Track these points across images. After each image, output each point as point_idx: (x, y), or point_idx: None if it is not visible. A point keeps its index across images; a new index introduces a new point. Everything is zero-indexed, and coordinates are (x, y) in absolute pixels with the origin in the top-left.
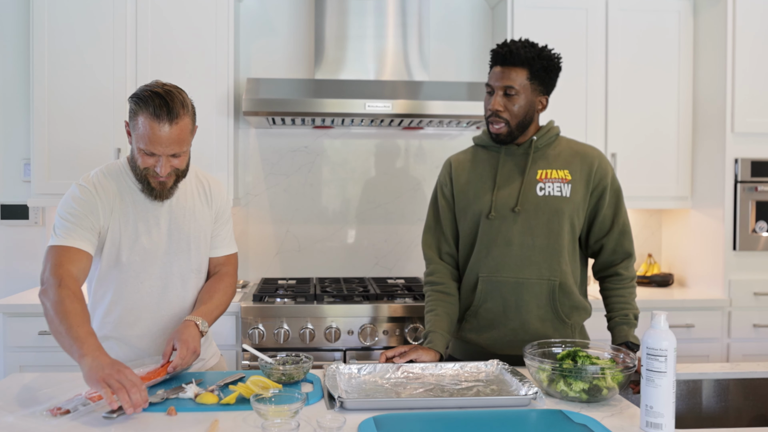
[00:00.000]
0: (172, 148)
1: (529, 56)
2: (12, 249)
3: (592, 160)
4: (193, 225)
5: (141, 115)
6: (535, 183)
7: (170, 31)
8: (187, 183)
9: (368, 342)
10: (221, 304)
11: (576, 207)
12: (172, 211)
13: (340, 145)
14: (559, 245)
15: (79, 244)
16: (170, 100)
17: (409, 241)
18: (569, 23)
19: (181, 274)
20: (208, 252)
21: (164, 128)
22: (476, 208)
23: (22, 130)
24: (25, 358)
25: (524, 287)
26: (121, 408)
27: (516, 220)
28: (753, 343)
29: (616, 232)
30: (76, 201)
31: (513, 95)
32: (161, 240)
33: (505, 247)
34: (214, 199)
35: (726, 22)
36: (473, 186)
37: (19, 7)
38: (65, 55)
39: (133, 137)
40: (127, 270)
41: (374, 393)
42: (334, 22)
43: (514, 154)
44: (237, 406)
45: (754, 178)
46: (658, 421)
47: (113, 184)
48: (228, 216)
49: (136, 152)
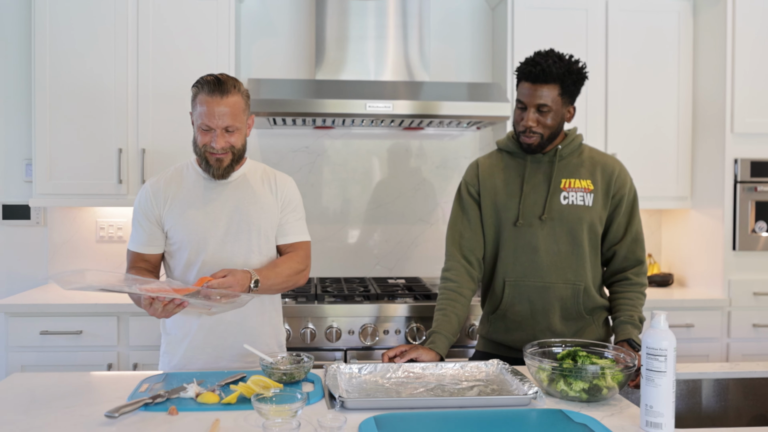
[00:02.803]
0: (224, 120)
1: (561, 72)
2: (14, 249)
3: (613, 170)
4: (256, 209)
5: (199, 95)
6: (559, 192)
7: (171, 31)
8: (254, 173)
9: (369, 342)
10: (281, 274)
11: (597, 215)
12: (236, 196)
13: (341, 146)
14: (582, 251)
15: (139, 247)
16: (224, 80)
17: (410, 241)
18: (569, 24)
19: (242, 254)
20: (273, 237)
21: (217, 102)
22: (503, 215)
23: (23, 131)
24: (27, 358)
25: (550, 291)
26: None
27: (542, 227)
28: (753, 343)
29: (629, 239)
30: (136, 203)
31: (545, 111)
32: (222, 221)
33: (532, 254)
34: (279, 189)
35: (726, 23)
36: (501, 192)
37: (20, 8)
38: (66, 56)
39: (194, 118)
40: (188, 250)
41: (375, 393)
42: (335, 23)
43: (540, 162)
44: (238, 406)
45: (754, 178)
46: (658, 420)
47: (175, 177)
48: (295, 206)
49: (196, 133)
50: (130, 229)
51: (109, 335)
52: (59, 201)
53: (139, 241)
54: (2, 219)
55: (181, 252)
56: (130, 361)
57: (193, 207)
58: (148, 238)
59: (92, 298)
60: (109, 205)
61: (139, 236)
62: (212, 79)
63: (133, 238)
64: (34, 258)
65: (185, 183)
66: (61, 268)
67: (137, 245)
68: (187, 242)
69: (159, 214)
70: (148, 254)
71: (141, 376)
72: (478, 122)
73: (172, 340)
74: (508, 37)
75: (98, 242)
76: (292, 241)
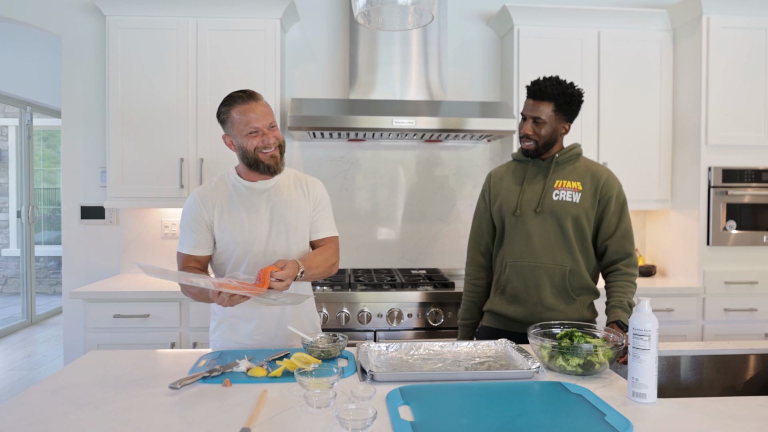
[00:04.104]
0: (267, 118)
1: (555, 93)
2: (90, 244)
3: (600, 177)
4: (291, 211)
5: (233, 110)
6: (552, 190)
7: (225, 58)
8: (286, 179)
9: (395, 324)
10: (319, 264)
11: (583, 211)
12: (272, 200)
13: (371, 156)
14: (568, 238)
15: (190, 250)
16: (249, 90)
17: (431, 237)
18: (567, 51)
19: (283, 252)
20: (307, 234)
21: (254, 106)
22: (506, 207)
23: (99, 143)
24: (102, 338)
25: (541, 270)
26: (183, 380)
27: (536, 218)
28: (724, 325)
29: (618, 235)
30: (186, 209)
31: (540, 123)
32: (263, 223)
33: (527, 239)
34: (311, 191)
35: (701, 51)
36: (505, 189)
37: (96, 39)
38: (135, 79)
39: (236, 133)
40: (235, 249)
41: (400, 367)
42: (366, 50)
43: (540, 166)
44: (283, 379)
45: (725, 183)
46: (643, 391)
47: (219, 185)
48: (324, 205)
49: (242, 143)
50: None
51: (173, 318)
52: (130, 203)
53: (190, 244)
54: (81, 219)
55: (229, 252)
56: (191, 340)
57: (239, 212)
58: (198, 241)
59: (158, 286)
60: (172, 206)
61: (190, 240)
62: (240, 92)
63: (183, 242)
64: (108, 252)
65: (229, 191)
66: (132, 261)
67: (188, 248)
68: (236, 243)
69: (208, 219)
70: (199, 256)
71: (200, 353)
72: (489, 135)
73: (225, 323)
74: (514, 63)
75: (163, 238)
76: (323, 236)
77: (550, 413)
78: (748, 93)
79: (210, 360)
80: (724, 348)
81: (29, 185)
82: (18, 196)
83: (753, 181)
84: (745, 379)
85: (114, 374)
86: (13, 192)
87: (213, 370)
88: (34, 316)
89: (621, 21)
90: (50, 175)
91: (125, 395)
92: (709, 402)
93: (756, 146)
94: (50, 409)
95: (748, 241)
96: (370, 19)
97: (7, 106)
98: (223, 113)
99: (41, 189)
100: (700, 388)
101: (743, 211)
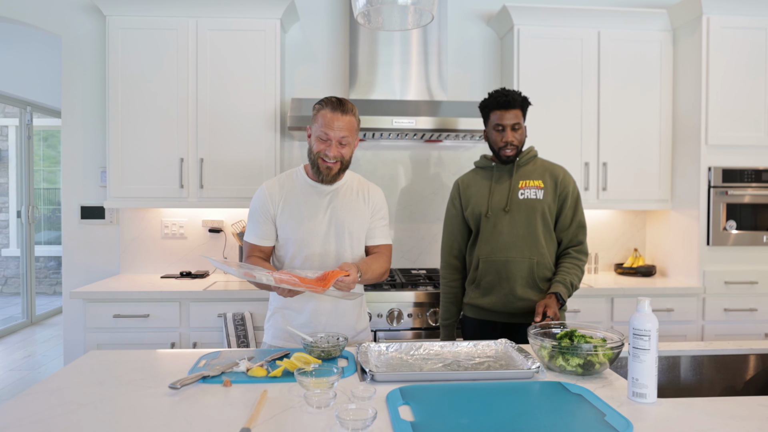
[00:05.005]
0: (342, 132)
1: (520, 99)
2: (91, 244)
3: (557, 174)
4: (350, 215)
5: (322, 110)
6: (518, 189)
7: (225, 58)
8: (350, 183)
9: (395, 324)
10: (375, 270)
11: (547, 206)
12: (334, 203)
13: (371, 156)
14: (535, 233)
15: (257, 240)
16: (344, 101)
17: (430, 237)
18: (567, 51)
19: (337, 253)
20: (363, 240)
21: (338, 117)
22: (477, 210)
23: (99, 143)
24: (102, 338)
25: (511, 264)
26: (183, 380)
27: (505, 216)
28: (724, 325)
29: (574, 226)
30: (254, 201)
31: (518, 129)
32: (322, 224)
33: (497, 236)
34: (371, 199)
35: (701, 51)
36: (475, 195)
37: (96, 40)
38: (135, 80)
39: (313, 131)
40: (294, 244)
41: (400, 367)
42: (366, 50)
43: (503, 170)
44: (283, 379)
45: (725, 183)
46: (643, 391)
47: (287, 181)
48: (383, 214)
49: (313, 142)
50: (190, 227)
51: (172, 318)
52: (129, 203)
53: (257, 235)
54: (81, 219)
55: (287, 246)
56: (191, 340)
57: (302, 209)
58: (264, 233)
59: (158, 286)
60: (172, 206)
61: (257, 230)
62: (335, 99)
63: (250, 232)
64: (108, 252)
65: (295, 187)
66: (132, 261)
67: (255, 238)
68: (294, 239)
69: (274, 213)
70: (264, 246)
71: (200, 353)
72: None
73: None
74: (514, 63)
75: (163, 238)
76: (378, 243)
77: (550, 413)
78: (748, 93)
79: (210, 360)
80: (724, 348)
81: (29, 185)
82: (18, 196)
83: (753, 181)
84: (745, 379)
85: (114, 374)
86: (13, 192)
87: (213, 370)
88: (34, 316)
89: (621, 21)
90: (50, 175)
91: (125, 395)
92: (709, 402)
93: (756, 146)
94: (50, 409)
95: (748, 241)
96: (370, 19)
97: (7, 106)
98: (314, 110)
99: (41, 189)
100: (700, 388)
101: (743, 211)
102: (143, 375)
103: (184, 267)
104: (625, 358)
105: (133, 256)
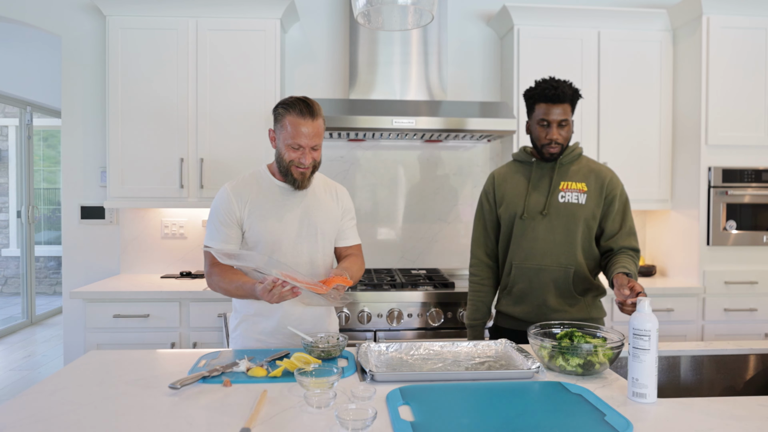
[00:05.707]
0: (313, 140)
1: (570, 93)
2: (91, 244)
3: (605, 177)
4: (322, 216)
5: (288, 116)
6: (558, 192)
7: (225, 58)
8: (317, 182)
9: (395, 324)
10: (356, 273)
11: (590, 212)
12: (304, 203)
13: (371, 156)
14: (574, 241)
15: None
16: (311, 103)
17: (431, 237)
18: (567, 51)
19: (309, 254)
20: (333, 240)
21: (308, 122)
22: (512, 210)
23: (99, 143)
24: (102, 338)
25: (546, 272)
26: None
27: (542, 220)
28: (724, 325)
29: (624, 232)
30: (217, 203)
31: (565, 125)
32: (293, 225)
33: (532, 242)
34: (341, 199)
35: (701, 51)
36: (510, 192)
37: (96, 40)
38: (135, 80)
39: (280, 138)
40: (263, 249)
41: (400, 367)
42: (366, 50)
43: (543, 168)
44: (283, 379)
45: (725, 183)
46: (643, 391)
47: (252, 182)
48: (353, 214)
49: (282, 149)
50: (190, 227)
51: (172, 318)
52: (129, 203)
53: (222, 239)
54: (81, 219)
55: (257, 249)
56: (191, 340)
57: (270, 211)
58: (229, 236)
59: (158, 286)
60: (172, 206)
61: (221, 234)
62: (302, 103)
63: (211, 237)
64: (108, 252)
65: (261, 189)
66: (132, 261)
67: (220, 243)
68: (264, 242)
69: (240, 216)
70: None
71: (200, 353)
72: (489, 135)
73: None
74: (514, 63)
75: (163, 238)
76: (350, 244)
77: (550, 413)
78: (748, 93)
79: (210, 360)
80: (724, 348)
81: (29, 185)
82: (18, 196)
83: (753, 181)
84: (745, 379)
85: (114, 374)
86: (13, 192)
87: (213, 370)
88: (34, 316)
89: (621, 21)
90: (50, 175)
91: (125, 395)
92: (709, 402)
93: (756, 146)
94: (50, 409)
95: (748, 241)
96: (370, 19)
97: (7, 106)
98: (279, 113)
99: (41, 189)
100: (700, 388)
101: (743, 211)
102: (143, 375)
103: (184, 267)
104: (625, 358)
105: (133, 256)
